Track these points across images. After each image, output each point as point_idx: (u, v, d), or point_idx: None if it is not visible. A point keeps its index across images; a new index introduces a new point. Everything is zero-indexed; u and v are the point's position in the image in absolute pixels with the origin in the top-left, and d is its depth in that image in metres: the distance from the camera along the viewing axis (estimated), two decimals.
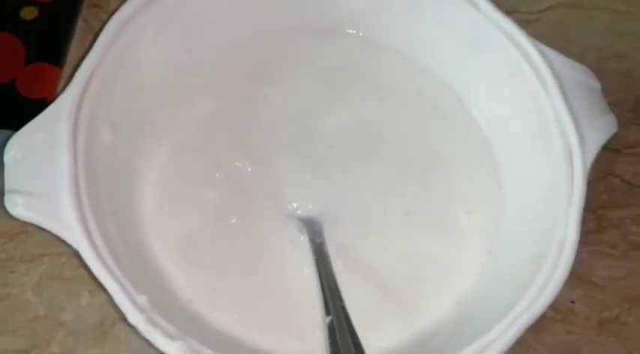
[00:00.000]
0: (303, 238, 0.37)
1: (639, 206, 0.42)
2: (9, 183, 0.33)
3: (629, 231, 0.42)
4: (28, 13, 0.44)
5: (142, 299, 0.31)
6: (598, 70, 0.42)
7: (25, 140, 0.34)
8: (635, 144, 0.44)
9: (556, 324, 0.39)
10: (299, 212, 0.38)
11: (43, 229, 0.33)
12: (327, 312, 0.34)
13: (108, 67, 0.36)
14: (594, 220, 0.42)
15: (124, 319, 0.31)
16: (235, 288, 0.36)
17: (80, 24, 0.45)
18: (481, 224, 0.38)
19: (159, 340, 0.30)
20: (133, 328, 0.31)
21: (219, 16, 0.40)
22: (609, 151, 0.44)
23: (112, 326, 0.37)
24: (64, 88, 0.36)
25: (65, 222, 0.32)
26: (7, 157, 0.34)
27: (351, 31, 0.43)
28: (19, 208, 0.33)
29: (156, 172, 0.38)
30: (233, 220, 0.37)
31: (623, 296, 0.40)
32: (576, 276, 0.40)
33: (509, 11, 0.46)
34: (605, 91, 0.39)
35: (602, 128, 0.36)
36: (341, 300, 0.34)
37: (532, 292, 0.33)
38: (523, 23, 0.46)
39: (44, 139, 0.34)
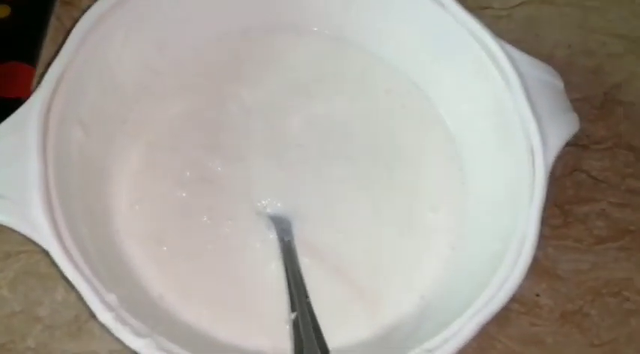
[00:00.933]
0: (272, 236, 0.38)
1: (604, 201, 0.43)
2: None
3: (594, 225, 0.43)
4: (1, 11, 0.44)
5: (112, 297, 0.32)
6: (567, 66, 0.42)
7: None
8: (602, 140, 0.45)
9: (521, 316, 0.40)
10: (268, 210, 0.38)
11: None
12: (293, 308, 0.35)
13: (78, 67, 0.36)
14: (561, 215, 0.43)
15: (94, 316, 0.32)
16: (205, 284, 0.37)
17: (53, 22, 0.45)
18: (446, 221, 0.39)
19: (127, 337, 0.31)
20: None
21: (190, 15, 0.41)
22: (577, 147, 0.44)
23: (86, 322, 0.38)
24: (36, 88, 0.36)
25: (36, 224, 0.33)
26: None
27: (321, 30, 0.43)
28: None
29: (128, 171, 0.39)
30: (204, 218, 0.38)
31: (586, 289, 0.41)
32: (541, 270, 0.41)
33: (481, 7, 0.48)
34: (574, 87, 0.40)
35: (564, 127, 0.37)
36: (306, 296, 0.35)
37: (491, 288, 0.33)
38: (495, 19, 0.47)
39: (15, 142, 0.34)
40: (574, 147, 0.44)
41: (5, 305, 0.38)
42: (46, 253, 0.39)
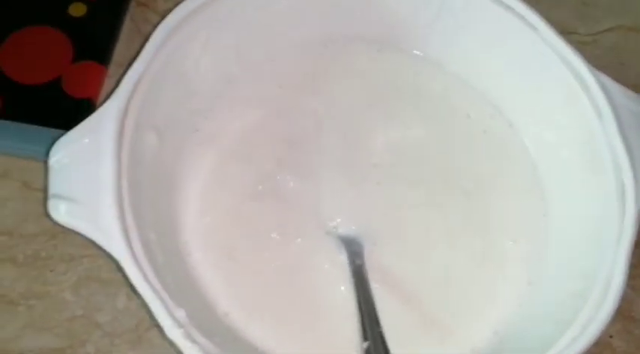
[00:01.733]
0: (342, 258, 0.37)
1: None
2: (53, 187, 0.33)
3: None
4: (77, 9, 0.44)
5: (181, 313, 0.31)
6: None
7: (71, 144, 0.34)
8: None
9: None
10: (340, 231, 0.37)
11: None
12: (365, 337, 0.34)
13: (156, 73, 0.35)
14: (638, 254, 0.41)
15: (158, 326, 0.31)
16: (272, 303, 0.36)
17: (127, 23, 0.45)
18: (524, 253, 0.37)
19: None
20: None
21: (272, 23, 0.40)
22: None
23: (147, 331, 0.38)
24: (109, 89, 0.36)
25: (107, 231, 0.32)
26: (53, 160, 0.34)
27: (403, 46, 0.42)
28: (61, 214, 0.32)
29: (199, 181, 0.38)
30: (273, 235, 0.37)
31: None
32: (616, 310, 0.40)
33: (566, 32, 0.45)
34: None
35: None
36: (379, 325, 0.34)
37: (574, 330, 0.32)
38: (580, 45, 0.45)
39: (90, 145, 0.33)
40: None
41: (67, 309, 0.38)
42: (109, 258, 0.39)
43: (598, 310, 0.32)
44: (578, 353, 0.31)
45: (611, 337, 0.39)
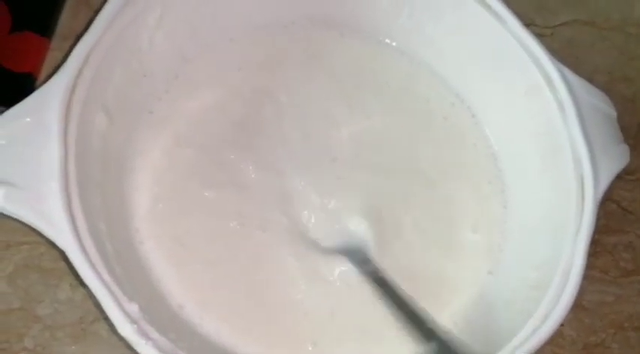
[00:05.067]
0: (305, 251, 0.35)
1: (632, 233, 0.43)
2: None
3: (621, 257, 0.42)
4: None
5: (133, 307, 0.29)
6: (606, 93, 0.41)
7: (10, 124, 0.31)
8: (635, 170, 0.44)
9: (544, 346, 0.39)
10: (333, 243, 0.36)
11: None
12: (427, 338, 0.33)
13: (107, 48, 0.33)
14: (590, 244, 0.42)
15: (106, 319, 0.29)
16: (229, 296, 0.34)
17: None
18: (485, 243, 0.37)
19: (150, 353, 0.29)
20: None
21: (231, 2, 0.37)
22: None
23: (92, 324, 0.35)
24: (53, 64, 0.33)
25: (51, 219, 0.29)
26: None
27: (368, 32, 0.40)
28: None
29: (152, 166, 0.35)
30: (232, 224, 0.35)
31: (609, 322, 0.40)
32: None
33: (524, 24, 0.46)
34: None
35: (616, 158, 0.36)
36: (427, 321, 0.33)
37: (534, 321, 0.32)
38: (538, 37, 0.46)
39: (32, 124, 0.31)
40: None
41: (2, 300, 0.35)
42: (51, 246, 0.36)
43: (557, 302, 0.33)
44: (539, 344, 0.32)
45: (562, 325, 0.40)
